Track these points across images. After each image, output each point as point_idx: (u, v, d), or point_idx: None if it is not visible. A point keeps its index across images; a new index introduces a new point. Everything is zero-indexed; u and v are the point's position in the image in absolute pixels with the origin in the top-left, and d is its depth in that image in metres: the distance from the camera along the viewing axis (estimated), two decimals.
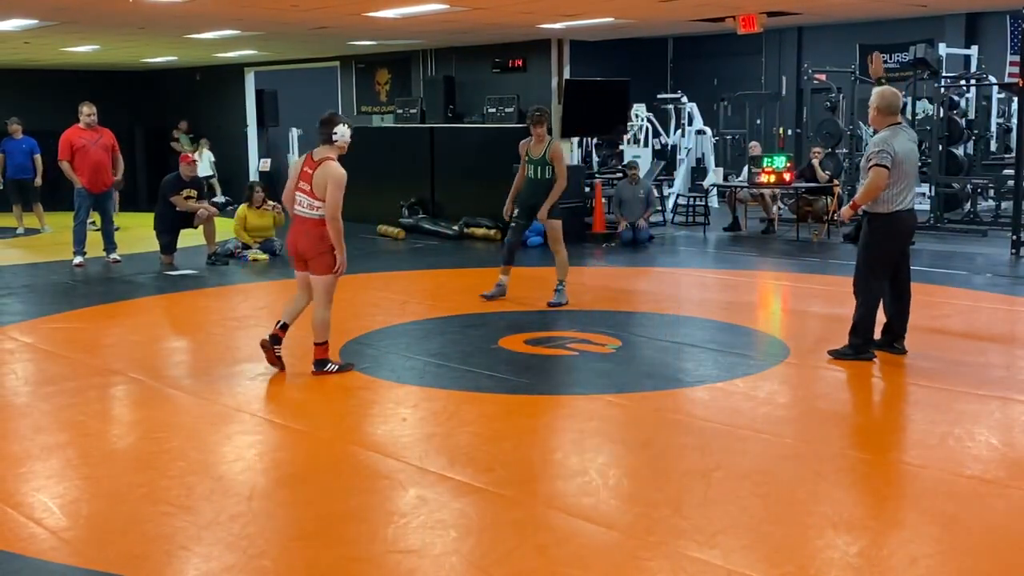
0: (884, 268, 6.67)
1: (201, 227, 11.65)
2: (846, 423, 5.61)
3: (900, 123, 6.58)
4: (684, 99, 17.42)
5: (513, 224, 9.06)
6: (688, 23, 13.64)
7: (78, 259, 11.41)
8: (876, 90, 6.69)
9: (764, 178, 13.73)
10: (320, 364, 6.64)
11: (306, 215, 6.40)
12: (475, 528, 4.19)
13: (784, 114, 19.58)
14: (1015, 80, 13.76)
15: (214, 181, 19.01)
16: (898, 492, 4.45)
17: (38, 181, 15.13)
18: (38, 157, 15.08)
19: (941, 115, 14.12)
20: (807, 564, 3.76)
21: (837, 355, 6.76)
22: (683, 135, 17.21)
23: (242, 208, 12.47)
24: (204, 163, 18.93)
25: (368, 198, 15.88)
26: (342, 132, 6.35)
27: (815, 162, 14.25)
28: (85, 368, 6.90)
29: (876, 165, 6.40)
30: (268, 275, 11.14)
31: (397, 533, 4.08)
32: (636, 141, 17.08)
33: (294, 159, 19.17)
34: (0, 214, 16.14)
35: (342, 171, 6.31)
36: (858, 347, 6.70)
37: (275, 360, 6.67)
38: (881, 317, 6.80)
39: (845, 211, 6.88)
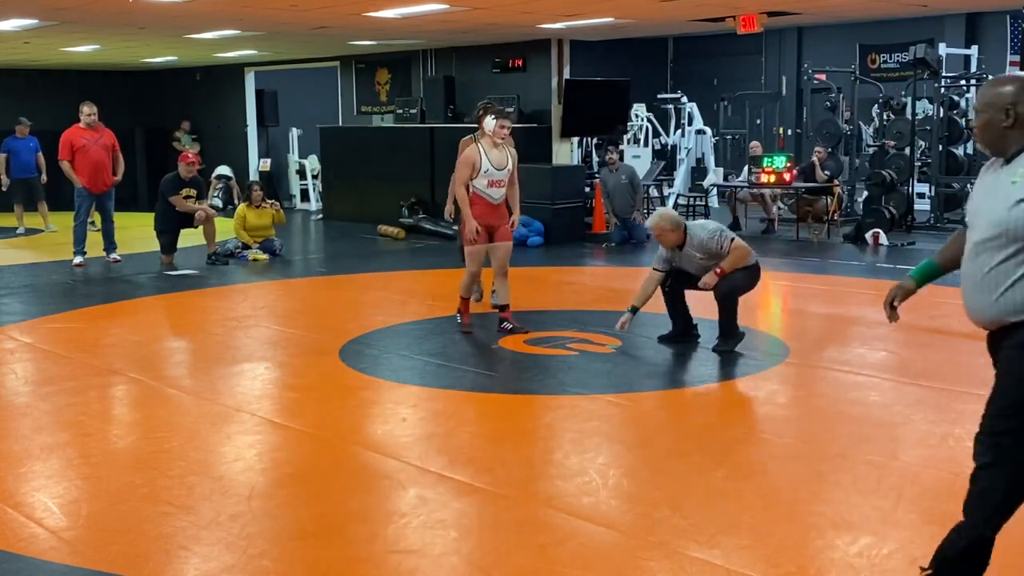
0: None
1: (201, 227, 11.65)
2: (846, 423, 5.60)
3: (686, 224, 7.17)
4: (684, 99, 17.42)
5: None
6: (688, 23, 13.64)
7: (78, 259, 11.41)
8: (658, 215, 7.22)
9: (764, 178, 13.73)
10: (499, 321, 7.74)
11: None
12: (475, 528, 4.19)
13: (784, 114, 19.60)
14: None
15: (232, 183, 19.06)
16: (898, 492, 4.44)
17: (44, 179, 15.16)
18: (40, 155, 15.11)
19: (941, 115, 14.12)
20: (807, 564, 3.76)
21: (719, 350, 7.05)
22: (683, 135, 17.22)
23: (241, 207, 12.48)
24: (221, 169, 19.04)
25: (368, 198, 15.95)
26: (487, 122, 7.43)
27: (815, 160, 14.27)
28: (85, 368, 6.90)
29: (733, 240, 7.05)
30: (268, 275, 11.14)
31: (397, 533, 4.08)
32: (636, 141, 17.10)
33: (294, 158, 19.26)
34: (2, 214, 16.16)
35: (467, 153, 7.46)
36: (739, 336, 7.09)
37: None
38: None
39: (709, 279, 7.02)
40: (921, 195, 15.35)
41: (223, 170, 19.12)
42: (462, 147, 8.50)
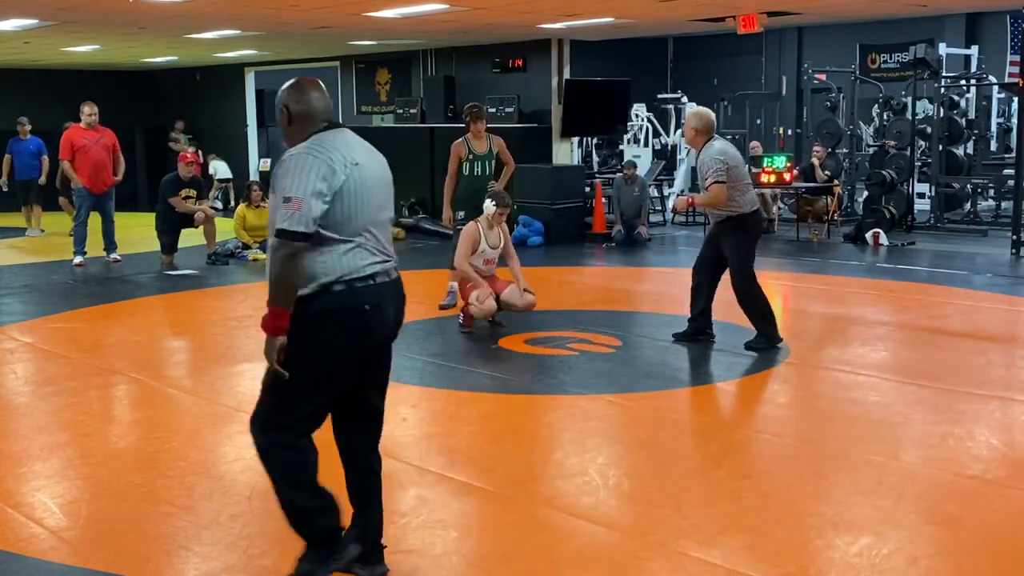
0: (752, 264, 7.05)
1: (201, 227, 11.65)
2: (846, 423, 5.60)
3: (715, 137, 6.99)
4: (684, 99, 17.41)
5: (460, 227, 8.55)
6: (688, 23, 13.64)
7: (78, 259, 11.41)
8: (692, 111, 7.13)
9: (764, 178, 13.71)
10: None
11: None
12: (475, 528, 4.19)
13: (784, 114, 19.57)
14: (1015, 80, 13.76)
15: (229, 186, 19.05)
16: (898, 492, 4.44)
17: (42, 180, 15.09)
18: (45, 158, 15.05)
19: (941, 115, 14.12)
20: (807, 564, 3.76)
21: (752, 347, 7.01)
22: (683, 135, 17.19)
23: (241, 207, 12.47)
24: (221, 171, 19.04)
25: None
26: (487, 206, 7.72)
27: (815, 160, 14.26)
28: (85, 368, 6.91)
29: (716, 182, 6.78)
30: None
31: (397, 533, 4.07)
32: (636, 141, 17.09)
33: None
34: (4, 214, 16.13)
35: (469, 232, 7.76)
36: (772, 334, 7.01)
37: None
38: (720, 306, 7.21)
39: (680, 201, 7.32)
40: (921, 195, 15.34)
41: (223, 171, 19.13)
42: (454, 150, 8.69)
